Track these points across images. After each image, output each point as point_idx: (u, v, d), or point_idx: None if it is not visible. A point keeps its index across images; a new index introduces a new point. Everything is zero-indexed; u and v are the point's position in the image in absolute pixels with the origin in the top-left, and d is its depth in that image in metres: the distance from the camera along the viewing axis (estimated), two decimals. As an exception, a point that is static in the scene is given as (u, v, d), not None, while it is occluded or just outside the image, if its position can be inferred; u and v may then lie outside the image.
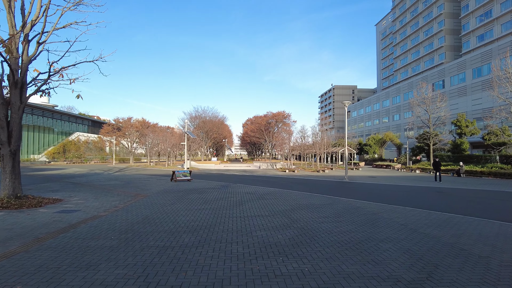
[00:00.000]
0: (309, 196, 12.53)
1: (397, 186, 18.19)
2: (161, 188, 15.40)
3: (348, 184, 19.24)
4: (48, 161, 60.34)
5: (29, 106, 60.40)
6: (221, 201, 11.11)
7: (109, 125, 65.05)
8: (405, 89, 72.85)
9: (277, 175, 27.56)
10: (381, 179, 23.57)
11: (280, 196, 12.37)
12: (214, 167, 41.39)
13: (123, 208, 9.50)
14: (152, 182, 18.91)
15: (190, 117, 60.48)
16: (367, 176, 26.31)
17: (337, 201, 11.21)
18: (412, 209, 9.67)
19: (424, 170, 34.18)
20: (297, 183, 19.22)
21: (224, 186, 16.55)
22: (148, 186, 16.46)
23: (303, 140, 39.74)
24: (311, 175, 27.28)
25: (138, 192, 13.46)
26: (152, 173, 28.75)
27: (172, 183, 17.90)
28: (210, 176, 25.99)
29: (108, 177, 23.55)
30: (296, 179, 23.19)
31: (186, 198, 11.76)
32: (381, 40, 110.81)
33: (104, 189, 14.72)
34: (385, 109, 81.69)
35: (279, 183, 19.39)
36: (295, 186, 17.54)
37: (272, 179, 22.87)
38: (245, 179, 22.08)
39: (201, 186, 16.20)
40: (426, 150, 43.18)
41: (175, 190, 14.49)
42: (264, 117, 61.13)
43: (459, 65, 55.56)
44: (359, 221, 7.78)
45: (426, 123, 36.79)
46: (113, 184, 17.68)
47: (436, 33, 74.78)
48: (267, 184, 18.52)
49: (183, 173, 19.20)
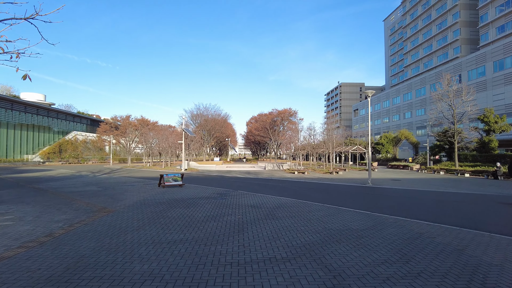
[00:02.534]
0: (336, 212, 9.04)
1: (440, 193, 14.57)
2: (140, 197, 12.01)
3: (375, 190, 15.69)
4: (43, 161, 57.44)
5: (21, 103, 57.58)
6: (213, 222, 7.67)
7: (107, 124, 61.95)
8: (417, 85, 68.95)
9: (286, 177, 24.07)
10: (409, 183, 19.96)
11: (298, 213, 8.91)
12: (215, 168, 37.98)
13: (58, 237, 6.11)
14: (135, 188, 15.54)
15: (192, 115, 57.18)
16: (389, 179, 22.71)
17: (382, 222, 7.71)
18: None
19: (449, 171, 30.44)
20: (313, 190, 15.70)
21: (222, 194, 13.10)
22: (127, 194, 13.07)
23: (313, 138, 36.14)
24: (324, 178, 23.73)
25: (105, 206, 10.06)
26: (144, 176, 25.43)
27: (158, 190, 14.51)
28: (209, 179, 22.59)
29: (89, 181, 20.24)
30: (310, 183, 19.67)
31: (164, 216, 8.34)
32: (389, 36, 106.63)
33: (66, 199, 11.37)
34: (396, 106, 77.79)
35: (291, 189, 15.90)
36: (312, 193, 14.04)
37: (281, 183, 19.39)
38: (249, 184, 18.64)
39: (192, 195, 12.78)
40: (446, 149, 39.52)
41: (156, 201, 11.09)
42: (269, 114, 57.56)
43: (478, 58, 51.62)
44: (453, 275, 4.28)
45: (449, 119, 33.06)
46: (86, 191, 14.34)
47: (450, 26, 70.62)
48: (276, 191, 15.05)
49: (173, 177, 15.78)
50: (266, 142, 63.75)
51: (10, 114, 54.47)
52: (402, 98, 75.70)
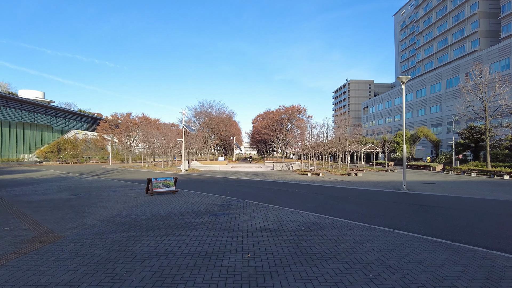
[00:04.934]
0: (398, 241, 5.82)
1: (506, 203, 11.25)
2: (114, 211, 8.93)
3: (418, 199, 12.41)
4: (39, 161, 54.88)
5: (17, 100, 55.11)
6: (203, 271, 4.49)
7: (106, 122, 59.23)
8: (432, 80, 65.16)
9: (299, 180, 20.85)
10: (448, 187, 16.62)
11: (340, 244, 5.70)
12: (219, 168, 34.86)
13: None
14: (116, 195, 12.48)
15: (195, 112, 53.98)
16: (420, 182, 19.32)
17: (491, 268, 4.51)
18: None
19: (482, 173, 26.93)
20: (339, 198, 12.46)
21: (224, 207, 9.96)
22: (100, 205, 10.01)
23: (326, 135, 32.81)
24: (344, 181, 20.43)
25: (54, 228, 6.96)
26: (136, 178, 22.43)
27: (143, 199, 11.44)
28: (211, 182, 19.49)
29: (68, 185, 17.25)
30: (331, 188, 16.42)
31: (127, 254, 5.20)
32: (399, 31, 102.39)
33: (10, 214, 8.33)
34: (408, 103, 73.99)
35: (312, 197, 12.71)
36: (341, 204, 10.84)
37: (297, 187, 16.19)
38: (258, 189, 15.49)
39: (183, 208, 9.67)
40: (472, 147, 35.97)
41: (131, 218, 7.99)
42: (276, 111, 54.19)
43: (501, 51, 47.84)
44: None
45: (480, 114, 29.53)
46: (51, 200, 11.31)
47: (468, 17, 66.55)
48: (294, 200, 11.87)
49: (164, 182, 12.66)
50: (273, 140, 60.49)
51: (5, 112, 52.02)
52: (415, 94, 72.00)
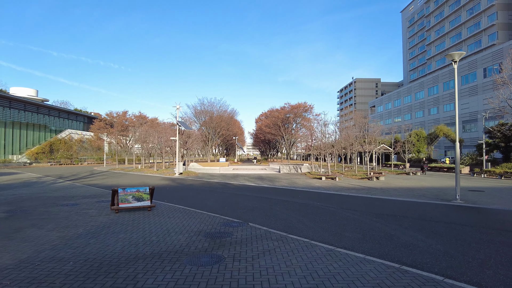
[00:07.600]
0: None
1: None
2: (29, 250, 5.31)
3: (493, 217, 8.75)
4: (29, 162, 51.57)
5: (5, 98, 51.81)
6: None
7: (101, 120, 55.90)
8: (445, 77, 61.34)
9: (315, 186, 17.19)
10: (506, 196, 12.90)
11: None
12: (219, 171, 31.02)
13: None
14: (65, 214, 8.90)
15: (195, 111, 50.32)
16: (465, 189, 15.52)
17: None
18: None
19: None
20: (388, 219, 8.75)
21: (216, 241, 6.26)
22: (18, 237, 6.41)
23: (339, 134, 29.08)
24: (370, 188, 16.72)
25: None
26: (116, 184, 18.88)
27: (99, 220, 7.84)
28: (205, 190, 15.88)
29: (23, 193, 13.67)
30: (362, 199, 12.72)
31: None
32: (407, 28, 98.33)
33: None
34: (419, 102, 70.19)
35: (347, 217, 9.02)
36: (399, 231, 7.17)
37: (318, 199, 12.52)
38: (266, 203, 11.83)
39: (147, 243, 6.04)
40: (501, 147, 32.31)
41: (33, 275, 4.39)
42: (281, 110, 50.50)
43: (525, 43, 43.95)
44: None
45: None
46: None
47: (485, 10, 62.57)
48: (324, 222, 8.21)
49: (134, 194, 9.01)
50: (277, 140, 56.85)
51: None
52: (426, 92, 68.19)
